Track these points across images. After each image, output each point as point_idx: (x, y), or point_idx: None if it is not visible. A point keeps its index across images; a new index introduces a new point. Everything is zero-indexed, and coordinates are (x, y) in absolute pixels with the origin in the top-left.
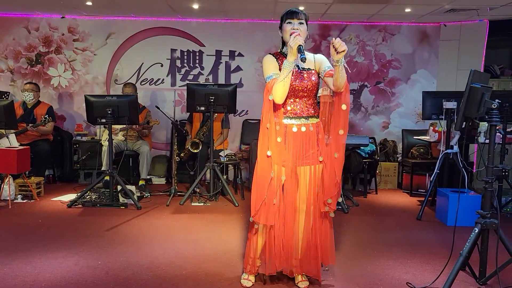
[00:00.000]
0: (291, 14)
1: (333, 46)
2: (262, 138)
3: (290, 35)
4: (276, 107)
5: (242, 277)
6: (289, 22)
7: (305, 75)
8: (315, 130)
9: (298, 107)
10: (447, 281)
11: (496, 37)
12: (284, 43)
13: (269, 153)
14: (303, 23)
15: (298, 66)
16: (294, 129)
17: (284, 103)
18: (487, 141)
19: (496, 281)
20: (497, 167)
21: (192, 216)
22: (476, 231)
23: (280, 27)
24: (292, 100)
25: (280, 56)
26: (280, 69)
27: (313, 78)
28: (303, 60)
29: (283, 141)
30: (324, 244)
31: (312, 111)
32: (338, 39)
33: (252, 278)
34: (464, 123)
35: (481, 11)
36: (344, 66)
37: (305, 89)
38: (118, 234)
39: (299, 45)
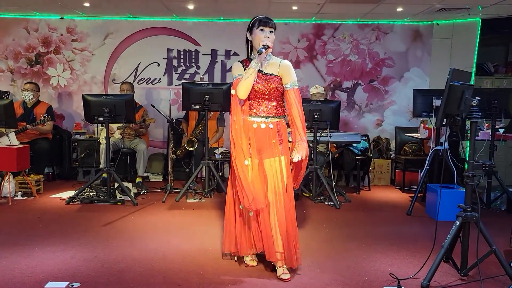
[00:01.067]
0: (265, 23)
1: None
2: (233, 129)
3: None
4: (243, 105)
5: (245, 259)
6: (262, 30)
7: (269, 79)
8: (275, 128)
9: (261, 108)
10: (429, 272)
11: (489, 35)
12: (251, 48)
13: (238, 141)
14: (273, 31)
15: (261, 70)
16: (255, 126)
17: (250, 104)
18: (477, 137)
19: (477, 272)
20: (478, 162)
21: (187, 212)
22: (458, 224)
23: (250, 31)
24: (255, 101)
25: (247, 62)
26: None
27: (275, 83)
28: (259, 52)
29: (249, 136)
30: (295, 231)
31: (274, 112)
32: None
33: (255, 257)
34: (445, 120)
35: (473, 10)
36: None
37: (267, 92)
38: (114, 229)
39: (264, 44)
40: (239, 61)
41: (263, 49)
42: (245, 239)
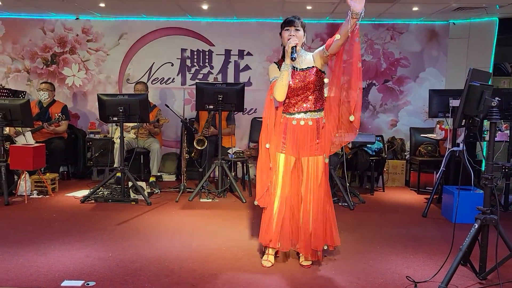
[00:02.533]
0: (289, 23)
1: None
2: (262, 132)
3: (288, 41)
4: (279, 103)
5: (262, 259)
6: (287, 29)
7: (304, 74)
8: (315, 125)
9: (299, 104)
10: (446, 275)
11: (507, 35)
12: (284, 49)
13: (267, 145)
14: (299, 30)
15: (295, 67)
16: (294, 122)
17: (289, 101)
18: (495, 138)
19: (495, 276)
20: (497, 164)
21: (200, 212)
22: (476, 227)
23: (280, 34)
24: (293, 98)
25: (281, 62)
26: None
27: (312, 76)
28: (292, 59)
29: (283, 133)
30: (329, 228)
31: (313, 106)
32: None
33: (271, 258)
34: (464, 120)
35: (490, 9)
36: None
37: (305, 87)
38: (128, 228)
39: (292, 47)
40: (274, 62)
41: (295, 56)
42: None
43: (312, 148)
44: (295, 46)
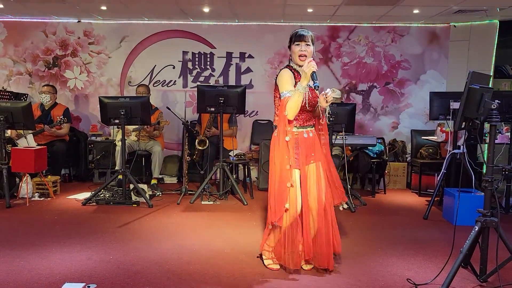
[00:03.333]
0: (299, 37)
1: (325, 96)
2: (280, 149)
3: (299, 57)
4: (289, 120)
5: (266, 262)
6: (297, 44)
7: (313, 91)
8: (315, 135)
9: (308, 118)
10: (447, 277)
11: (507, 37)
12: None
13: (287, 167)
14: (309, 45)
15: (309, 85)
16: (305, 135)
17: (299, 116)
18: (496, 140)
19: (496, 279)
20: (497, 166)
21: (201, 214)
22: (477, 229)
23: (289, 46)
24: (305, 113)
25: (295, 72)
26: (295, 86)
27: (315, 94)
28: (316, 88)
29: (294, 149)
30: (335, 236)
31: (313, 121)
32: (330, 93)
33: (276, 261)
34: (464, 123)
35: (491, 12)
36: (327, 112)
37: (311, 104)
38: (129, 231)
39: (313, 72)
40: (287, 67)
41: (318, 84)
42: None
43: (316, 155)
44: (315, 72)
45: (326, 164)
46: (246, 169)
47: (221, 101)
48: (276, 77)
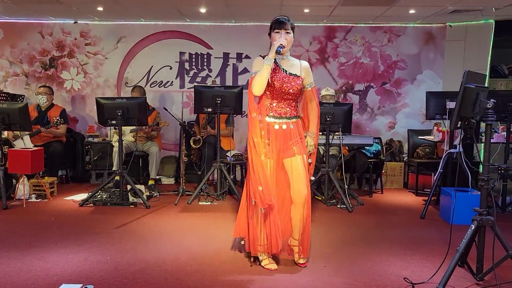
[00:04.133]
0: (279, 24)
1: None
2: (250, 126)
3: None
4: (261, 103)
5: (263, 263)
6: (277, 32)
7: (292, 78)
8: (296, 128)
9: (283, 109)
10: (443, 276)
11: (503, 37)
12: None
13: (255, 139)
14: (289, 32)
15: (286, 70)
16: (276, 127)
17: (271, 103)
18: (492, 140)
19: (493, 277)
20: (493, 165)
21: (199, 215)
22: (473, 228)
23: (269, 34)
24: (277, 101)
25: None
26: None
27: (298, 83)
28: (277, 52)
29: (266, 137)
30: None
31: (294, 113)
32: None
33: (272, 260)
34: (460, 122)
35: (486, 12)
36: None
37: (290, 92)
38: (127, 232)
39: (280, 44)
40: (261, 55)
41: (280, 49)
42: (259, 239)
43: (293, 148)
44: (282, 44)
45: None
46: (243, 169)
47: (218, 102)
48: None
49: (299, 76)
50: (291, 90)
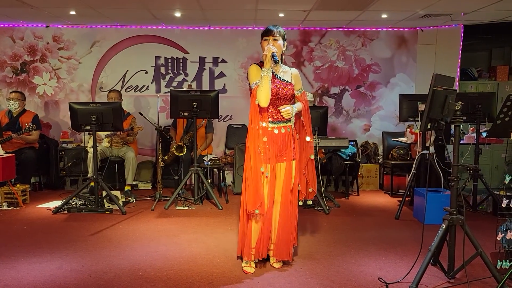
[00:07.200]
0: (267, 33)
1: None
2: (252, 138)
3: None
4: (261, 111)
5: (243, 264)
6: (266, 40)
7: (286, 85)
8: (291, 131)
9: (277, 113)
10: (416, 275)
11: (472, 41)
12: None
13: (256, 150)
14: (277, 39)
15: (280, 77)
16: (276, 131)
17: (268, 109)
18: (462, 141)
19: (463, 275)
20: (462, 165)
21: (176, 220)
22: (444, 227)
23: (261, 43)
24: (273, 106)
25: (262, 64)
26: None
27: (290, 89)
28: (276, 62)
29: (267, 142)
30: (294, 229)
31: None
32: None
33: (253, 264)
34: (430, 124)
35: (455, 16)
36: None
37: (285, 98)
38: (102, 239)
39: (272, 53)
40: (255, 63)
41: (277, 58)
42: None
43: (288, 154)
44: (274, 52)
45: (304, 161)
46: (221, 173)
47: (195, 106)
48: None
49: (290, 82)
50: (286, 96)
